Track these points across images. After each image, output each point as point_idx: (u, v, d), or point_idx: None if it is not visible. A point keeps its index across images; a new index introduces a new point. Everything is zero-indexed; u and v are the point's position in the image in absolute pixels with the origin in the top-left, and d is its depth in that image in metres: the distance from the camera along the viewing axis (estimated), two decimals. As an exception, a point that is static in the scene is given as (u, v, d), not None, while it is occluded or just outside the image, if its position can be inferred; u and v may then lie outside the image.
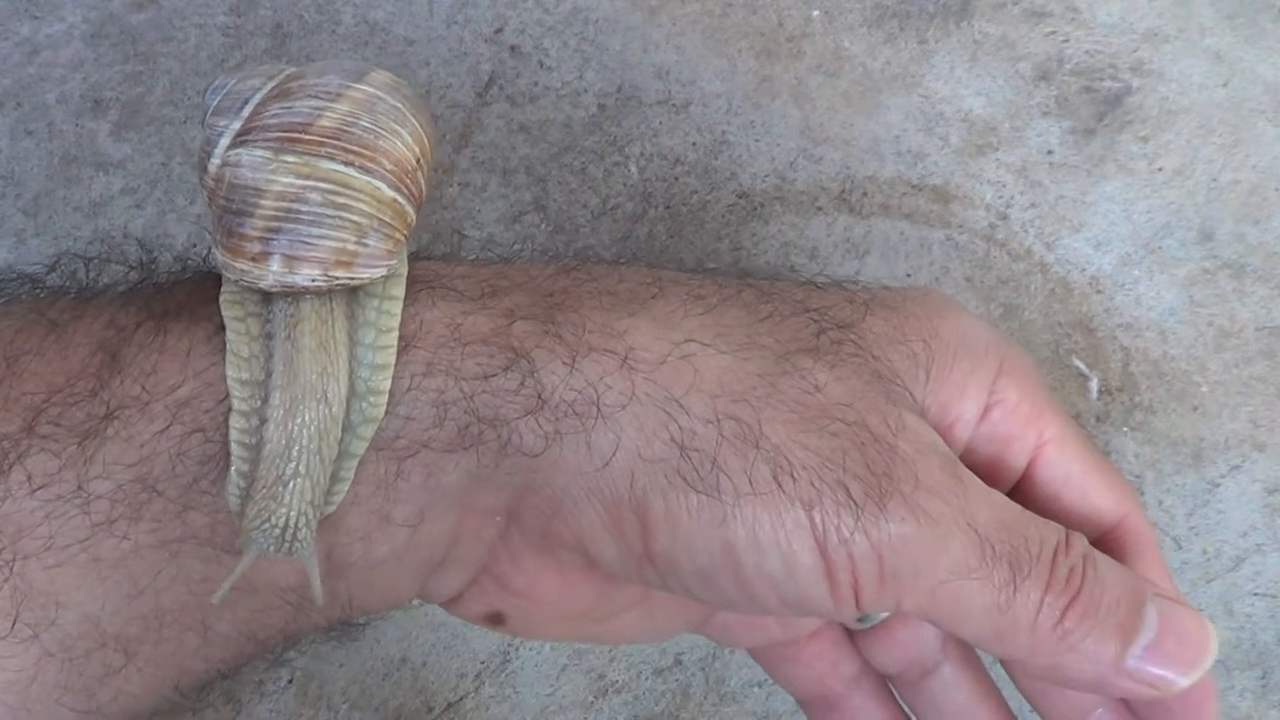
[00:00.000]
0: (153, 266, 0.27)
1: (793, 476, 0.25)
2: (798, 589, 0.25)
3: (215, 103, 0.25)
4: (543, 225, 0.59)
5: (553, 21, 0.64)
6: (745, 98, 0.63)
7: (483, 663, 0.50)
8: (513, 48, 0.64)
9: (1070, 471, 0.29)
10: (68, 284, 0.27)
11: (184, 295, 0.26)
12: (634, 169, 0.61)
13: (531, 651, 0.51)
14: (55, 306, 0.25)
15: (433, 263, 0.27)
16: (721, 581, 0.25)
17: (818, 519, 0.24)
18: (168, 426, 0.24)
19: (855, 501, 0.24)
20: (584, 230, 0.59)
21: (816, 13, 0.65)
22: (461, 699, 0.50)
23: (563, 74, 0.63)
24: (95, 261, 0.27)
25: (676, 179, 0.61)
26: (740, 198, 0.60)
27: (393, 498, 0.25)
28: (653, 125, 0.62)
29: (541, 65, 0.63)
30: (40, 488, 0.23)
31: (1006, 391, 0.29)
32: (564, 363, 0.25)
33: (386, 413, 0.24)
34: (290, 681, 0.50)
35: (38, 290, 0.26)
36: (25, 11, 0.64)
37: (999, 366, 0.29)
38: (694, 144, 0.61)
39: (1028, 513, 0.27)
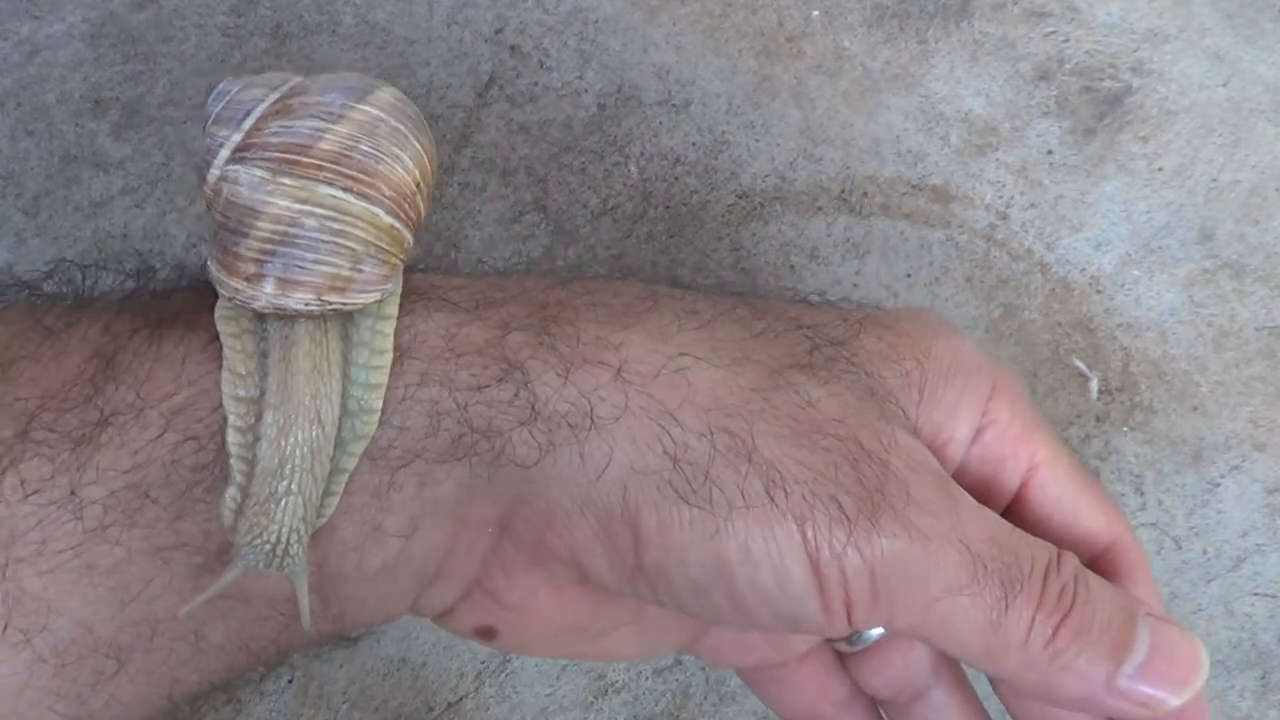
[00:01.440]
0: (149, 274, 0.27)
1: (785, 491, 0.24)
2: (790, 604, 0.25)
3: (217, 110, 0.25)
4: (543, 225, 0.59)
5: (553, 21, 0.64)
6: (745, 98, 0.63)
7: (483, 663, 0.50)
8: (513, 48, 0.64)
9: (1062, 493, 0.29)
10: (64, 290, 0.27)
11: (180, 304, 0.26)
12: (634, 169, 0.61)
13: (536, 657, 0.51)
14: (51, 313, 0.25)
15: (428, 274, 0.27)
16: (713, 595, 0.25)
17: (810, 534, 0.24)
18: (162, 434, 0.24)
19: (848, 516, 0.24)
20: (584, 230, 0.59)
21: (816, 13, 0.65)
22: (461, 699, 0.50)
23: (563, 74, 0.63)
24: (92, 269, 0.27)
25: (676, 179, 0.61)
26: (740, 198, 0.60)
27: (385, 508, 0.25)
28: (653, 125, 0.62)
29: (541, 65, 0.63)
30: (33, 493, 0.23)
31: (999, 412, 0.29)
32: (558, 374, 0.25)
33: (380, 422, 0.24)
34: (290, 682, 0.50)
35: (34, 296, 0.26)
36: (25, 11, 0.64)
37: (991, 387, 0.29)
38: (694, 144, 0.61)
39: (1019, 531, 0.27)
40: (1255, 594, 0.53)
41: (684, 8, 0.65)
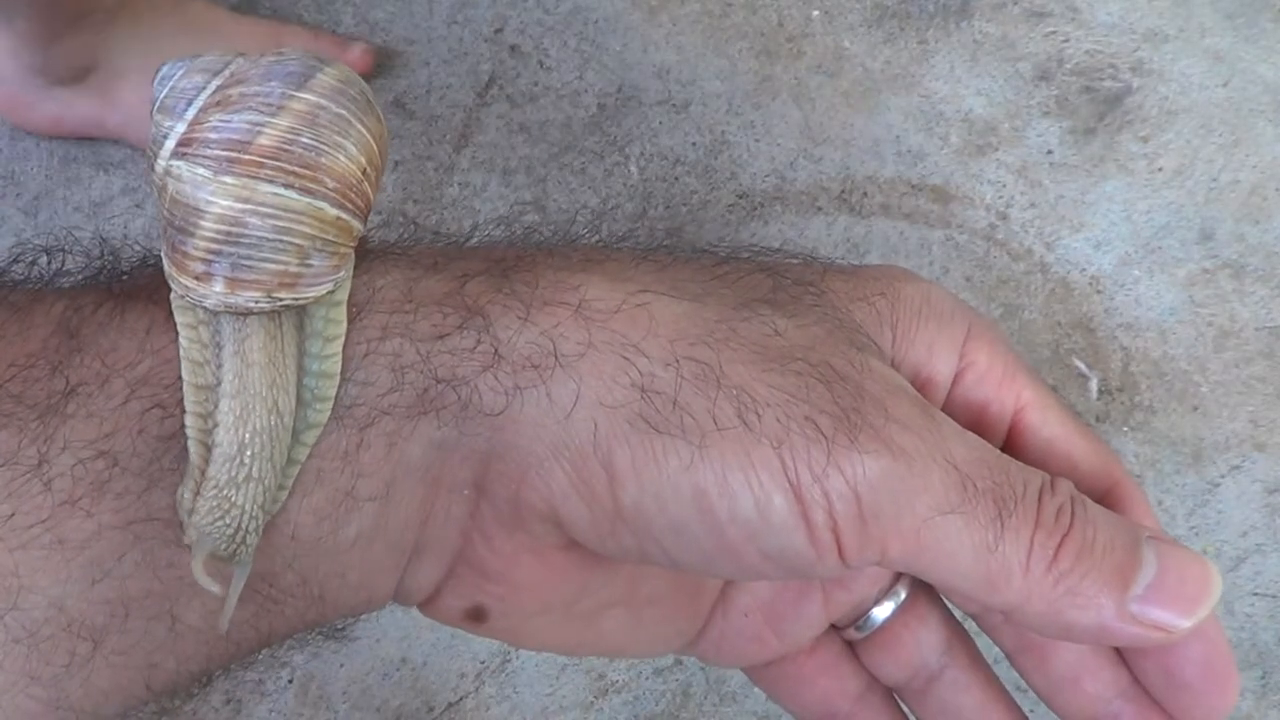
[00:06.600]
0: (113, 258, 0.27)
1: (757, 414, 0.24)
2: (775, 537, 0.24)
3: (161, 97, 0.25)
4: (543, 225, 0.59)
5: (553, 21, 0.64)
6: (745, 98, 0.63)
7: (483, 663, 0.50)
8: (513, 48, 0.64)
9: (1054, 436, 0.29)
10: (30, 274, 0.27)
11: (143, 280, 0.26)
12: (634, 169, 0.61)
13: (532, 651, 0.51)
14: (16, 292, 0.26)
15: (385, 245, 0.27)
16: (697, 534, 0.25)
17: (788, 458, 0.24)
18: (125, 402, 0.24)
19: (825, 435, 0.24)
20: (584, 231, 0.59)
21: (816, 13, 0.65)
22: (461, 699, 0.50)
23: (563, 74, 0.63)
24: (57, 252, 0.27)
25: (676, 179, 0.61)
26: (740, 198, 0.60)
27: (357, 471, 0.25)
28: (653, 125, 0.62)
29: (541, 65, 0.63)
30: (2, 465, 0.23)
31: (977, 354, 0.28)
32: (518, 316, 0.25)
33: (343, 380, 0.24)
34: (290, 681, 0.50)
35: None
36: (25, 11, 0.64)
37: (967, 330, 0.28)
38: (694, 144, 0.61)
39: (1007, 456, 0.26)
40: (1255, 594, 0.53)
41: (684, 8, 0.65)
